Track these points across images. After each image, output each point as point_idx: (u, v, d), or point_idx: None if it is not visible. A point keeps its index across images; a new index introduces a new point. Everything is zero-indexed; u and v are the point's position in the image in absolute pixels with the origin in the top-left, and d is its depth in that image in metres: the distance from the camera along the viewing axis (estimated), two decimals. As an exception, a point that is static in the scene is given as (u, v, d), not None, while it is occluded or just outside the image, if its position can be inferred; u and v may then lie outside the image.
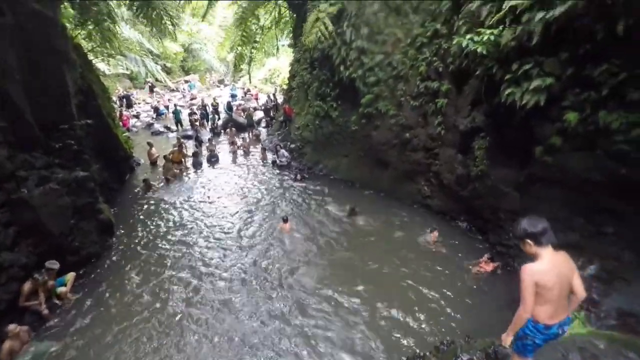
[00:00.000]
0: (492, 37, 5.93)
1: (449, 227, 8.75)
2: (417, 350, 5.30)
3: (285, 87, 19.83)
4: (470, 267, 7.19)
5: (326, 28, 10.61)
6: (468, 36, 6.45)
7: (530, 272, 2.88)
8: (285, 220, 9.09)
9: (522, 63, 5.60)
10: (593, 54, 4.83)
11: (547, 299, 2.92)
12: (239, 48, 20.18)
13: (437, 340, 5.38)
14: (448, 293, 6.64)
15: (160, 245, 8.80)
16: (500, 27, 5.89)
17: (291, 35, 18.96)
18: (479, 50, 6.20)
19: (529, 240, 2.98)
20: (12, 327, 5.54)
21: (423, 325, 5.97)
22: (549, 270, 2.89)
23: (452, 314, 6.19)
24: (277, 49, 24.24)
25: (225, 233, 9.30)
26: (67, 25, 10.96)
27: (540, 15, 5.03)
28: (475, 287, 6.79)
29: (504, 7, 5.69)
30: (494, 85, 6.47)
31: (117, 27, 14.16)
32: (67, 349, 5.78)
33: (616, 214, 5.35)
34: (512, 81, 5.87)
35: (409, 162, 9.84)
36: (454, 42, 6.99)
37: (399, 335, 5.77)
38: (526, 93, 5.59)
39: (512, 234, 3.53)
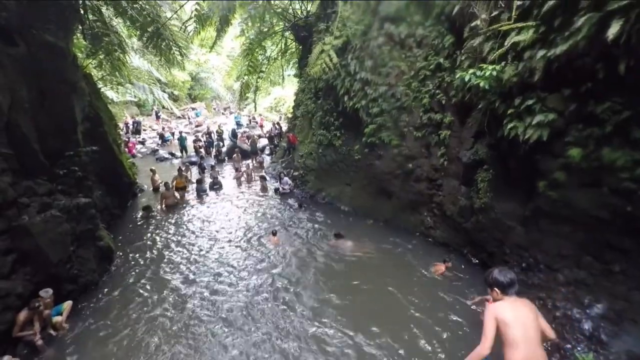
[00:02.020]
0: (494, 73, 6.00)
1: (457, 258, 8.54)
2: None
3: (289, 115, 20.15)
4: (473, 300, 6.94)
5: (331, 60, 10.87)
6: (470, 70, 6.54)
7: (491, 308, 3.20)
8: (274, 234, 10.03)
9: (525, 98, 5.65)
10: (595, 92, 4.86)
11: (513, 340, 3.08)
12: (246, 77, 20.68)
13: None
14: (454, 328, 6.41)
15: (159, 272, 8.63)
16: (502, 63, 5.98)
17: (297, 65, 19.45)
18: (481, 84, 6.27)
19: (497, 289, 3.44)
20: (6, 358, 5.37)
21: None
22: (508, 307, 3.25)
23: (456, 350, 5.95)
24: (283, 78, 24.78)
25: (224, 260, 9.16)
26: (79, 54, 11.29)
27: (541, 53, 5.12)
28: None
29: (506, 43, 5.81)
30: (496, 118, 6.51)
31: (127, 56, 14.55)
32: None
33: (625, 252, 5.21)
34: (515, 115, 5.90)
35: (412, 192, 9.79)
36: (457, 76, 7.09)
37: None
38: (529, 128, 5.60)
39: (484, 279, 3.74)
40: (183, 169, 15.33)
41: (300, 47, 17.42)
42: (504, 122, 6.13)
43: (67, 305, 6.95)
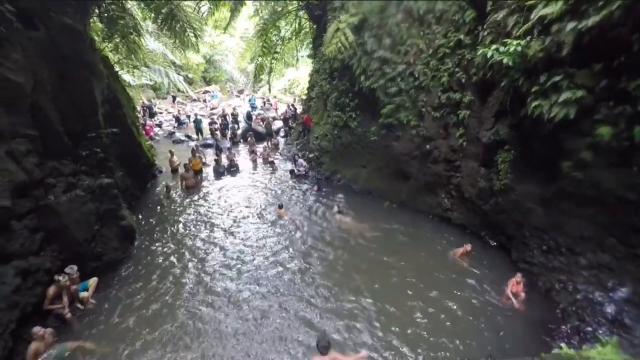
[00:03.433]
0: (519, 48, 5.78)
1: (477, 243, 8.46)
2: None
3: (304, 97, 19.97)
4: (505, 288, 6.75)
5: (346, 38, 10.63)
6: (493, 47, 6.32)
7: None
8: (280, 207, 10.53)
9: (551, 75, 5.43)
10: (629, 66, 4.63)
11: None
12: (260, 59, 20.47)
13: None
14: (470, 310, 6.42)
15: (179, 251, 8.88)
16: (528, 38, 5.75)
17: (311, 45, 19.15)
18: (504, 61, 6.06)
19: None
20: (37, 329, 5.64)
21: (446, 341, 5.76)
22: None
23: (472, 331, 5.97)
24: (297, 59, 24.47)
25: (242, 239, 9.38)
26: (96, 38, 11.35)
27: (571, 25, 4.88)
28: (499, 306, 6.53)
29: (532, 17, 5.57)
30: (520, 96, 6.31)
31: (142, 39, 14.53)
32: (87, 351, 5.85)
33: (653, 235, 5.07)
34: (540, 93, 5.70)
35: (429, 173, 9.67)
36: (478, 52, 6.86)
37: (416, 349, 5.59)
38: (555, 105, 5.41)
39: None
40: (196, 150, 15.46)
41: (315, 26, 17.08)
42: (527, 100, 5.94)
43: (93, 281, 7.23)
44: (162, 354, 5.79)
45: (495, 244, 8.27)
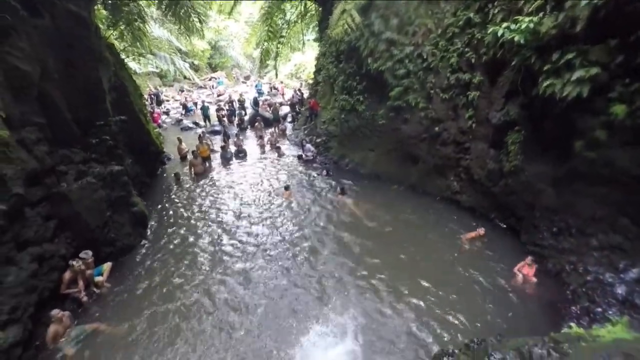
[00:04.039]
0: (531, 25, 5.61)
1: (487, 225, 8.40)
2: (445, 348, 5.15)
3: (310, 81, 19.77)
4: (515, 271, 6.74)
5: (353, 20, 10.42)
6: (504, 25, 6.14)
7: None
8: (286, 189, 10.77)
9: (564, 52, 5.28)
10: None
11: None
12: (265, 43, 20.25)
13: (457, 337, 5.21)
14: (479, 291, 6.44)
15: (191, 235, 9.04)
16: (540, 15, 5.57)
17: (317, 29, 18.82)
18: (516, 39, 5.89)
19: None
20: (55, 312, 5.85)
21: (455, 321, 5.83)
22: None
23: (481, 312, 6.00)
24: (303, 43, 24.15)
25: (251, 222, 9.54)
26: (100, 26, 11.32)
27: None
28: (507, 287, 6.53)
29: (544, -8, 5.38)
30: (531, 75, 6.15)
31: (147, 26, 14.50)
32: (104, 332, 6.05)
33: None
34: (552, 72, 5.55)
35: (438, 156, 9.58)
36: (489, 31, 6.68)
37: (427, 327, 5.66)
38: (567, 84, 5.27)
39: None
40: (203, 136, 15.50)
41: (320, 8, 16.77)
42: (539, 79, 5.79)
43: (107, 266, 7.41)
44: (178, 330, 6.01)
45: (504, 226, 8.22)
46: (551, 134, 6.36)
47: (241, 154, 15.01)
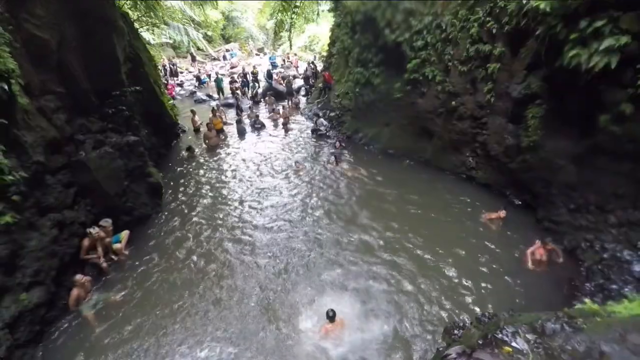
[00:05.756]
0: (558, -9, 5.32)
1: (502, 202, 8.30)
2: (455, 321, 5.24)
3: (324, 54, 19.35)
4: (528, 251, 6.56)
5: (370, -12, 10.05)
6: (529, -9, 5.84)
7: None
8: (298, 162, 11.11)
9: (593, 20, 5.00)
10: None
11: None
12: (279, 15, 19.86)
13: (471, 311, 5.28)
14: (493, 268, 6.46)
15: (206, 205, 9.27)
16: (570, -21, 5.26)
17: (332, -2, 18.24)
18: (541, 7, 5.61)
19: None
20: (78, 277, 6.13)
21: (467, 296, 5.90)
22: None
23: (492, 287, 6.03)
24: (318, 14, 23.51)
25: (266, 193, 9.74)
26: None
27: (620, -38, 4.42)
28: (520, 264, 6.52)
29: (575, -45, 5.06)
30: (556, 46, 5.88)
31: (160, -6, 14.27)
32: (123, 297, 6.35)
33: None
34: (578, 41, 5.30)
35: (454, 131, 9.38)
36: (513, -2, 6.36)
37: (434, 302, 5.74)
38: (595, 54, 5.03)
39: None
40: (216, 109, 15.50)
41: (337, -24, 16.17)
42: (564, 49, 5.53)
43: (125, 234, 7.64)
44: (195, 290, 6.33)
45: (520, 203, 8.11)
46: (574, 108, 6.15)
47: (258, 125, 15.02)
